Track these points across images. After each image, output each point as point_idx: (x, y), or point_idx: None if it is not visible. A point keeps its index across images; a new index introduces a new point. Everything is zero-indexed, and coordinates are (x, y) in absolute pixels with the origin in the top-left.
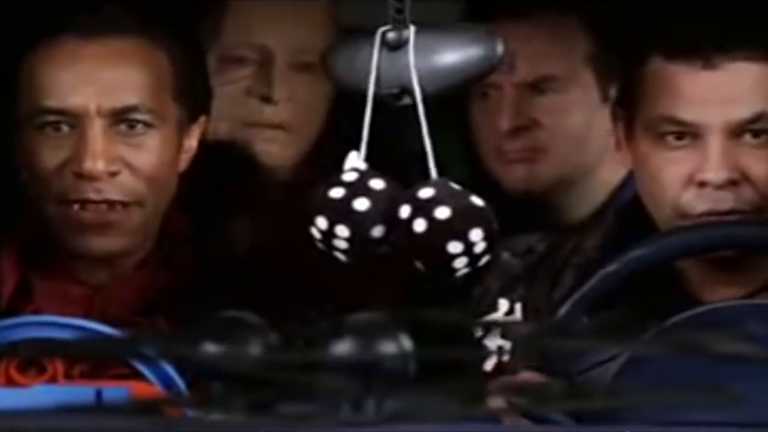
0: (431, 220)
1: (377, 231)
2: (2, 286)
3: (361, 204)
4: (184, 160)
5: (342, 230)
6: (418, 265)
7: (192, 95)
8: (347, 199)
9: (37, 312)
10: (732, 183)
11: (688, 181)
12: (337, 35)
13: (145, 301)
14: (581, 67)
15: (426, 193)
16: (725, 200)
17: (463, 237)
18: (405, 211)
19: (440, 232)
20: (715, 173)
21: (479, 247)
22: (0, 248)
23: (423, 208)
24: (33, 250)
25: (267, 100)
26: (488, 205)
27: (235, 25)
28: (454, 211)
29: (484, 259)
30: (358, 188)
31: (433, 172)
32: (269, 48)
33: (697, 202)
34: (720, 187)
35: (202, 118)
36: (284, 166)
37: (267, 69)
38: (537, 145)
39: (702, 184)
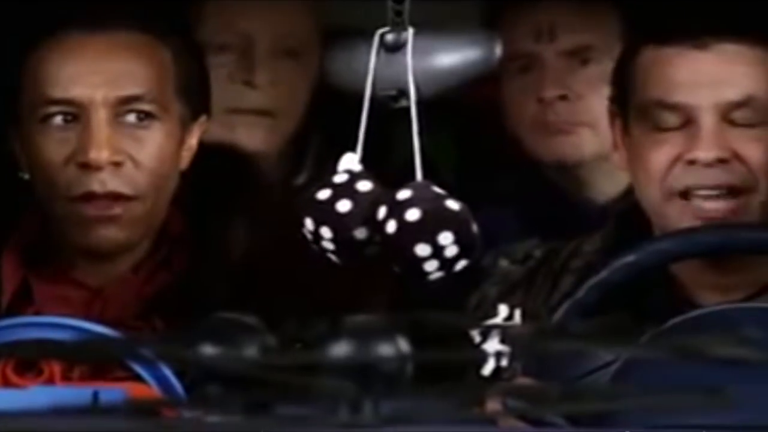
0: (401, 222)
1: (360, 233)
2: (3, 288)
3: (343, 206)
4: (185, 159)
5: (326, 231)
6: (394, 267)
7: (194, 93)
8: (331, 201)
9: (37, 315)
10: (722, 161)
11: (676, 159)
12: (335, 35)
13: (144, 303)
14: (616, 42)
15: (403, 194)
16: (712, 176)
17: (431, 240)
18: (381, 212)
19: (408, 233)
20: (705, 152)
21: (450, 251)
22: (1, 251)
23: (396, 210)
24: (33, 253)
25: (249, 84)
26: (466, 209)
27: (217, 12)
28: (425, 213)
29: (461, 264)
30: (343, 190)
31: (419, 174)
32: (250, 33)
33: (684, 178)
34: (709, 165)
35: (203, 118)
36: (269, 152)
37: (248, 54)
38: (579, 117)
39: (691, 162)
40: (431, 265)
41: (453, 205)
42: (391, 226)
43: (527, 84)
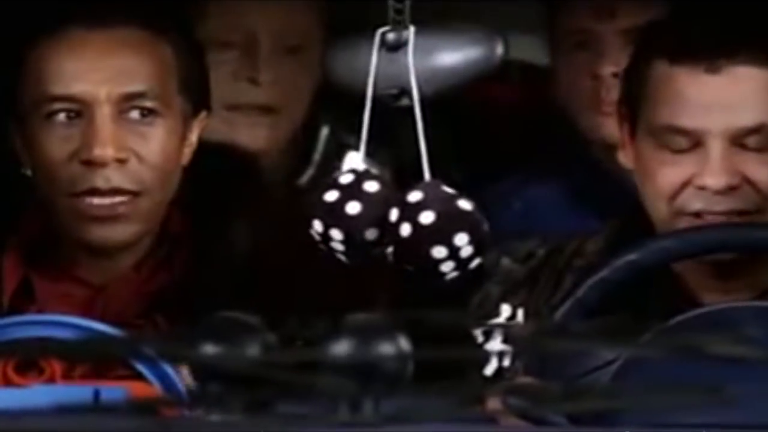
0: (416, 225)
1: (371, 234)
2: (4, 287)
3: (353, 208)
4: (186, 155)
5: (336, 233)
6: (408, 268)
7: (195, 89)
8: (340, 203)
9: (39, 313)
10: (732, 188)
11: (686, 183)
12: (336, 34)
13: (146, 301)
14: None
15: (414, 197)
16: (722, 202)
17: (447, 242)
18: (394, 214)
19: (424, 237)
20: (715, 179)
21: (465, 252)
22: (2, 249)
23: (409, 213)
24: (35, 251)
25: (253, 82)
26: (477, 209)
27: (220, 10)
28: (439, 216)
29: (475, 263)
30: (351, 191)
31: (427, 175)
32: (254, 31)
33: (694, 201)
34: (719, 192)
35: (203, 114)
36: (272, 150)
37: (252, 52)
38: None
39: (701, 188)
40: (447, 266)
41: (465, 205)
42: (406, 230)
43: (583, 60)
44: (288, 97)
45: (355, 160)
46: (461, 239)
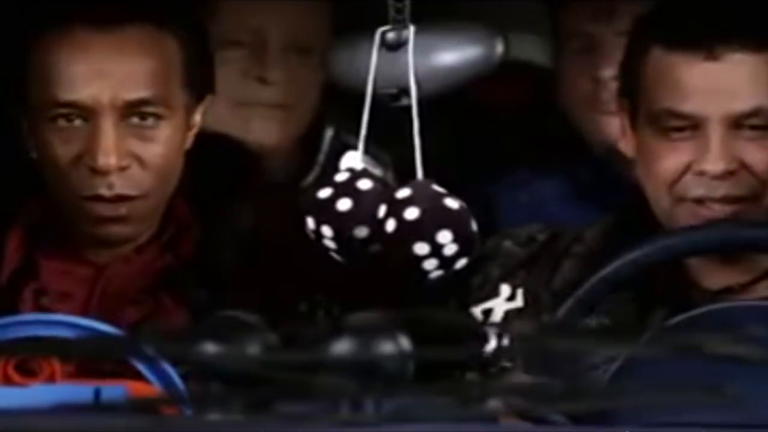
0: (400, 221)
1: (360, 231)
2: (5, 262)
3: (343, 204)
4: (189, 138)
5: (327, 230)
6: (393, 266)
7: (199, 79)
8: (332, 200)
9: (41, 290)
10: (730, 173)
11: (686, 169)
12: (336, 33)
13: (149, 280)
14: None
15: (403, 193)
16: (721, 187)
17: (430, 238)
18: (381, 211)
19: (408, 232)
20: (714, 164)
21: (449, 250)
22: (7, 225)
23: (395, 209)
24: (40, 229)
25: (262, 81)
26: (465, 208)
27: (230, 9)
28: (423, 212)
29: (460, 263)
30: (344, 189)
31: (419, 173)
32: (264, 31)
33: (693, 187)
34: (717, 177)
35: (209, 97)
36: (280, 146)
37: (262, 51)
38: None
39: (701, 173)
40: (430, 264)
41: (452, 203)
42: (391, 225)
43: (584, 63)
44: (296, 97)
45: (353, 159)
46: (445, 236)
